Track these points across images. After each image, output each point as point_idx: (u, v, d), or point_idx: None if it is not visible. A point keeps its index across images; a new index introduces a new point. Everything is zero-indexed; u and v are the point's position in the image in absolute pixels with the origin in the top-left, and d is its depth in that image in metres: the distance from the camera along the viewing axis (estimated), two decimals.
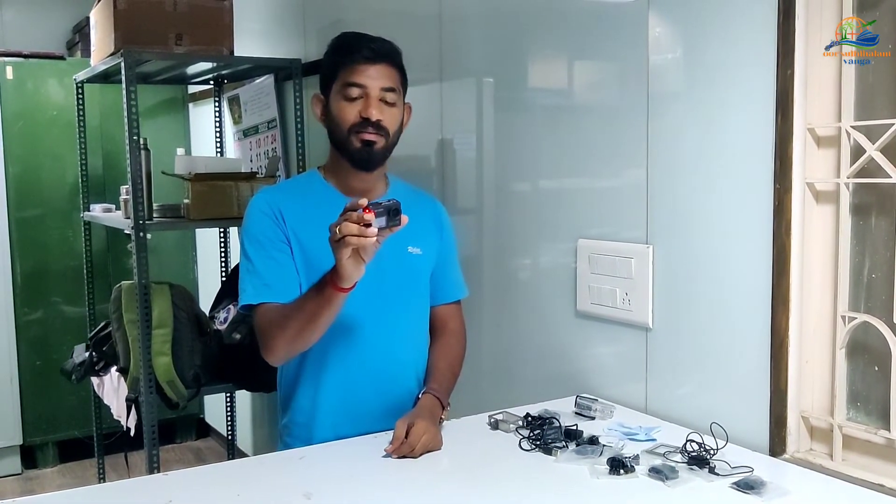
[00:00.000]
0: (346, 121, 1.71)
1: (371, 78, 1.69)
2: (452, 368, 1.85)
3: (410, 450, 1.57)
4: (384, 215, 1.44)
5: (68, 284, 4.21)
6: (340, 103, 1.71)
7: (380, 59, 1.71)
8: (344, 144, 1.73)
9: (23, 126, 4.15)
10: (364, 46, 1.70)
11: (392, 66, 1.73)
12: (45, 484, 4.12)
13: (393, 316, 1.77)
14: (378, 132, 1.70)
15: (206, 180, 2.97)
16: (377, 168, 1.77)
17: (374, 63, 1.70)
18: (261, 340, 1.71)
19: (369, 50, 1.70)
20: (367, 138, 1.70)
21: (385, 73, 1.71)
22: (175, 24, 2.94)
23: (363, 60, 1.69)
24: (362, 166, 1.74)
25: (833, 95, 1.54)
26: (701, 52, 1.70)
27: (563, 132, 2.05)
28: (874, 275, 1.52)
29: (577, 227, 2.02)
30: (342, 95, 1.71)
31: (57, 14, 4.79)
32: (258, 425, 4.11)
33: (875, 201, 1.51)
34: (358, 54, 1.70)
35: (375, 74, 1.70)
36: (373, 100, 1.69)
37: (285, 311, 1.66)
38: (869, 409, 1.54)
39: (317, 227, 1.74)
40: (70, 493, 1.49)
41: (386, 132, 1.72)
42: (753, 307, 1.61)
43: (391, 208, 1.45)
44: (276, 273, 1.72)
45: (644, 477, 1.45)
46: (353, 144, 1.71)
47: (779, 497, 1.35)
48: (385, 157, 1.76)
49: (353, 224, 1.43)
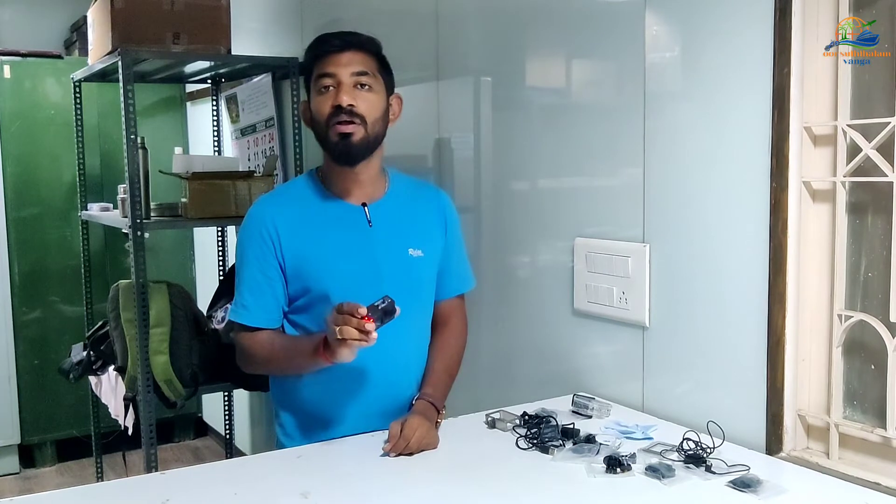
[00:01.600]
0: (322, 114, 1.69)
1: (340, 65, 1.68)
2: (449, 370, 1.85)
3: (405, 444, 1.57)
4: (380, 318, 1.50)
5: (66, 284, 4.21)
6: (316, 98, 1.71)
7: (349, 46, 1.69)
8: (325, 141, 1.71)
9: (20, 125, 4.15)
10: (332, 37, 1.71)
11: (363, 51, 1.71)
12: (44, 483, 4.12)
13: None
14: (352, 119, 1.66)
15: (203, 179, 2.96)
16: (359, 162, 1.71)
17: (342, 51, 1.69)
18: (241, 356, 1.80)
19: (338, 39, 1.70)
20: (343, 130, 1.66)
21: (355, 59, 1.69)
22: (172, 22, 2.93)
23: (332, 50, 1.69)
24: (343, 161, 1.71)
25: (829, 94, 1.54)
26: (697, 51, 1.70)
27: (561, 131, 2.06)
28: (870, 273, 1.52)
29: (575, 226, 2.02)
30: (316, 90, 1.70)
31: (54, 13, 4.78)
32: (256, 424, 4.11)
33: (871, 200, 1.52)
34: (326, 45, 1.70)
35: (345, 61, 1.68)
36: (344, 86, 1.67)
37: (271, 349, 1.74)
38: (865, 407, 1.55)
39: (315, 240, 1.74)
40: (68, 491, 1.49)
41: (363, 120, 1.67)
42: (750, 306, 1.61)
43: (387, 310, 1.51)
44: (255, 297, 1.75)
45: (640, 475, 1.46)
46: (331, 139, 1.69)
47: (775, 495, 1.36)
48: (367, 148, 1.70)
49: (353, 329, 1.48)
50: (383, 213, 1.78)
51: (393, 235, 1.77)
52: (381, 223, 1.77)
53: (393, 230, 1.78)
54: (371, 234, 1.76)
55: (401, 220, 1.80)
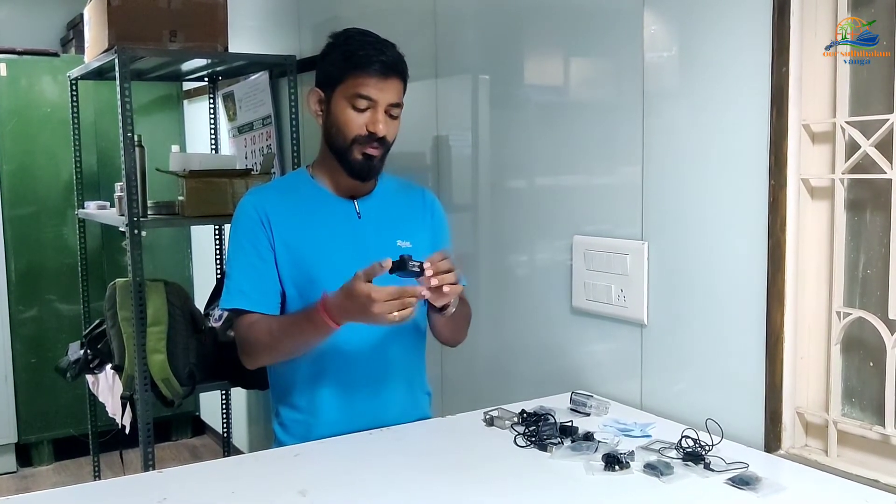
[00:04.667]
0: (350, 130, 1.70)
1: (382, 92, 1.69)
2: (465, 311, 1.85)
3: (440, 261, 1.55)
4: (400, 268, 1.52)
5: (63, 282, 4.20)
6: (347, 111, 1.70)
7: (391, 73, 1.70)
8: (344, 153, 1.73)
9: (17, 123, 4.14)
10: (377, 60, 1.68)
11: (401, 80, 1.73)
12: (41, 482, 4.12)
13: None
14: (381, 146, 1.72)
15: (200, 177, 2.96)
16: (374, 178, 1.80)
17: (386, 78, 1.69)
18: (243, 348, 1.76)
19: (381, 64, 1.68)
20: (371, 153, 1.71)
21: (394, 88, 1.71)
22: (169, 20, 2.93)
23: (376, 74, 1.68)
24: (362, 177, 1.76)
25: (828, 91, 1.54)
26: (696, 49, 1.70)
27: (559, 129, 2.05)
28: (869, 270, 1.52)
29: (573, 224, 2.02)
30: (349, 104, 1.70)
31: (51, 11, 4.77)
32: (254, 422, 4.11)
33: (870, 197, 1.52)
34: (371, 67, 1.68)
35: (386, 89, 1.69)
36: (380, 114, 1.69)
37: (275, 330, 1.70)
38: (864, 404, 1.55)
39: (305, 229, 1.76)
40: (65, 490, 1.48)
41: (388, 145, 1.74)
42: (748, 303, 1.61)
43: (410, 266, 1.53)
44: (254, 281, 1.74)
45: (639, 473, 1.46)
46: (353, 155, 1.72)
47: (774, 493, 1.36)
48: (382, 166, 1.78)
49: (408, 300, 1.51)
50: (372, 207, 1.82)
51: (382, 227, 1.80)
52: (370, 216, 1.81)
53: (381, 222, 1.81)
54: (360, 226, 1.79)
55: (389, 213, 1.83)
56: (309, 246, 1.75)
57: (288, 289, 1.76)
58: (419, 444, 1.67)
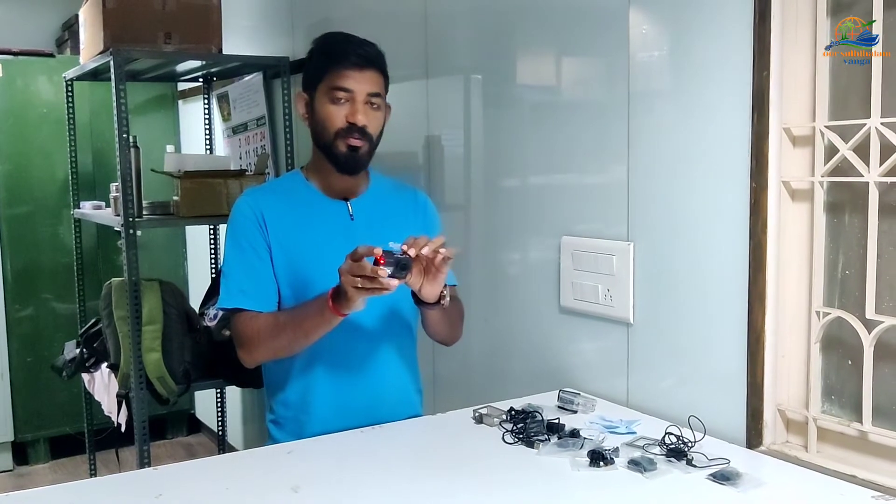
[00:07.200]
0: (332, 124, 1.74)
1: (359, 83, 1.73)
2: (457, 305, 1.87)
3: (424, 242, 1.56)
4: (394, 265, 1.51)
5: (59, 281, 4.22)
6: (327, 106, 1.74)
7: (368, 65, 1.74)
8: (329, 148, 1.76)
9: (12, 124, 4.16)
10: (352, 52, 1.73)
11: (378, 71, 1.77)
12: (37, 480, 4.13)
13: (376, 311, 1.79)
14: (363, 137, 1.74)
15: (195, 178, 2.98)
16: (361, 171, 1.82)
17: (362, 69, 1.73)
18: (242, 345, 1.77)
19: (357, 56, 1.73)
20: (354, 144, 1.74)
21: (372, 79, 1.75)
22: (164, 22, 2.96)
23: (352, 66, 1.72)
24: (348, 171, 1.79)
25: (808, 96, 1.57)
26: (681, 51, 1.73)
27: (548, 129, 2.08)
28: (847, 271, 1.56)
29: (562, 224, 2.04)
30: (329, 98, 1.74)
31: (46, 12, 4.79)
32: (248, 421, 4.13)
33: (848, 199, 1.55)
34: (346, 60, 1.73)
35: (363, 80, 1.73)
36: (359, 105, 1.73)
37: (276, 323, 1.72)
38: (843, 402, 1.58)
39: (299, 230, 1.79)
40: (62, 487, 1.50)
41: (370, 137, 1.76)
42: (731, 303, 1.64)
43: (401, 260, 1.52)
44: (253, 280, 1.76)
45: (623, 469, 1.49)
46: (338, 149, 1.75)
47: (754, 488, 1.39)
48: (369, 160, 1.80)
49: (368, 275, 1.49)
50: (364, 208, 1.84)
51: (374, 228, 1.82)
52: (363, 217, 1.83)
53: (374, 223, 1.83)
54: (353, 227, 1.81)
55: (381, 214, 1.86)
56: (303, 247, 1.78)
57: (283, 289, 1.78)
58: (410, 441, 1.70)
